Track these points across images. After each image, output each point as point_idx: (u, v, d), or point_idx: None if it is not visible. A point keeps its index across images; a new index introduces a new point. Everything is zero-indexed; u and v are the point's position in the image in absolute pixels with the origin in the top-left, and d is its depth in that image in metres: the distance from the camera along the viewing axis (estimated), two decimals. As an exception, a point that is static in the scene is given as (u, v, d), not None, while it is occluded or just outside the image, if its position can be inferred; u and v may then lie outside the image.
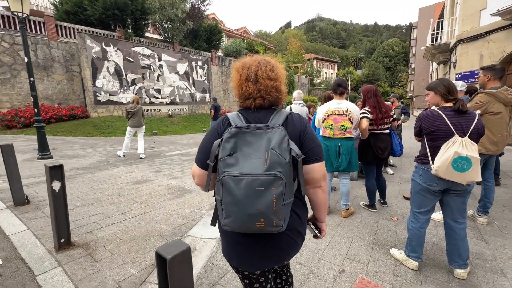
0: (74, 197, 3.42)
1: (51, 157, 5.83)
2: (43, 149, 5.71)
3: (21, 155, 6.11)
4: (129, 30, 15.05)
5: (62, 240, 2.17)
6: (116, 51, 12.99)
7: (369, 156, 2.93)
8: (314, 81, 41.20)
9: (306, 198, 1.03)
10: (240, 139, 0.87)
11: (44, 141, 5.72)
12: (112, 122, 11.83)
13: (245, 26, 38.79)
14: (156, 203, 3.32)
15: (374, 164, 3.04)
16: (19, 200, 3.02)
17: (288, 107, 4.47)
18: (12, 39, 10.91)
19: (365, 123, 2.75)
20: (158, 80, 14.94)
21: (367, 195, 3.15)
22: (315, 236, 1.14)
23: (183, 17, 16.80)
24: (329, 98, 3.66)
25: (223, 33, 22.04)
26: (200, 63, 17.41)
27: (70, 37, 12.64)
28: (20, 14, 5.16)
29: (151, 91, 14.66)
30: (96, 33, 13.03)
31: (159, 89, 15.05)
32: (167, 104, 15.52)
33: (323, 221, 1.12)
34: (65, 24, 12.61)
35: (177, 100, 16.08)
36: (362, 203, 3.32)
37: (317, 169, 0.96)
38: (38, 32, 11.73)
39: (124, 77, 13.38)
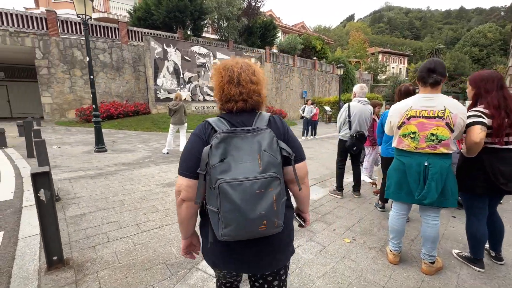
0: (101, 198, 3.27)
1: (105, 151, 6.18)
2: (99, 143, 6.09)
3: (84, 147, 6.71)
4: (188, 31, 15.77)
5: (55, 258, 1.85)
6: (175, 51, 13.73)
7: (479, 185, 1.82)
8: (378, 77, 36.87)
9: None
10: (229, 144, 0.85)
11: (100, 135, 6.09)
12: (168, 118, 12.47)
13: (302, 22, 37.26)
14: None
15: (486, 198, 1.90)
16: (49, 197, 2.97)
17: (345, 105, 3.51)
18: (94, 44, 12.55)
19: (478, 133, 1.65)
20: (212, 78, 15.28)
21: (469, 243, 2.02)
22: (300, 225, 1.18)
23: (238, 14, 16.76)
24: (407, 94, 2.59)
25: (278, 29, 21.37)
26: (253, 60, 17.17)
27: (138, 40, 13.89)
28: (83, 16, 5.52)
29: (205, 89, 15.09)
30: (159, 35, 14.00)
31: (212, 87, 15.38)
32: (219, 101, 15.80)
33: (307, 212, 1.15)
34: (135, 28, 13.93)
35: (229, 98, 16.22)
36: (456, 251, 2.19)
37: (302, 167, 0.99)
38: (114, 37, 13.23)
39: (181, 75, 14.07)
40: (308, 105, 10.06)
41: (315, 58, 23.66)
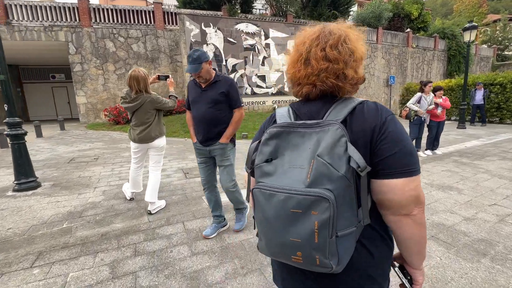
0: None
1: (35, 187, 3.41)
2: (20, 175, 3.33)
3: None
4: (236, 7, 12.61)
5: None
6: (216, 31, 10.75)
7: None
8: (505, 53, 25.89)
9: None
10: (284, 141, 0.64)
11: (23, 162, 3.34)
12: (203, 118, 9.71)
13: (386, -10, 29.41)
14: None
15: None
16: None
17: None
18: (127, 33, 10.77)
19: None
20: (263, 64, 11.75)
21: None
22: (403, 286, 0.72)
23: (301, -24, 12.57)
24: None
25: (356, -6, 15.98)
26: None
27: (176, 24, 11.53)
28: None
29: (254, 79, 11.69)
30: (196, 13, 11.26)
31: (264, 76, 11.85)
32: (272, 94, 12.16)
33: (416, 268, 0.69)
34: (171, 10, 11.63)
35: (286, 89, 12.37)
36: None
37: (399, 187, 0.59)
38: (149, 22, 11.21)
39: (224, 63, 11.05)
40: (426, 93, 5.34)
41: (408, 30, 17.12)
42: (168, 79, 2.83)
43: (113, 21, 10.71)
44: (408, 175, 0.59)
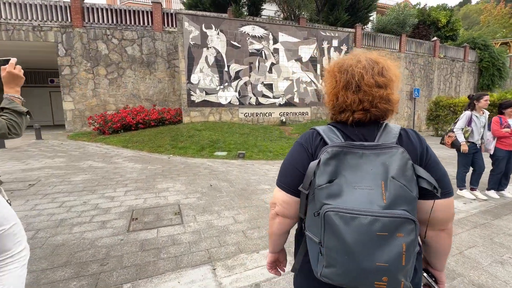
0: None
1: None
2: None
3: None
4: (243, 10, 11.50)
5: None
6: (218, 34, 9.60)
7: None
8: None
9: None
10: (342, 162, 0.65)
11: None
12: (197, 130, 8.42)
13: None
14: None
15: None
16: None
17: None
18: (121, 34, 9.83)
19: None
20: (270, 71, 10.44)
21: None
22: (427, 286, 0.80)
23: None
24: None
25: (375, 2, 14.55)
26: (335, 42, 11.35)
27: (175, 26, 10.53)
28: None
29: (260, 88, 10.36)
30: (197, 14, 10.19)
31: (271, 85, 10.52)
32: (280, 105, 10.77)
33: (442, 270, 0.80)
34: (171, 11, 10.65)
35: (296, 99, 10.95)
36: None
37: (445, 207, 0.68)
38: (146, 24, 10.26)
39: (226, 68, 9.83)
40: (478, 111, 3.76)
41: (435, 38, 15.44)
42: (7, 64, 1.30)
43: (108, 21, 9.82)
44: (451, 195, 0.68)
